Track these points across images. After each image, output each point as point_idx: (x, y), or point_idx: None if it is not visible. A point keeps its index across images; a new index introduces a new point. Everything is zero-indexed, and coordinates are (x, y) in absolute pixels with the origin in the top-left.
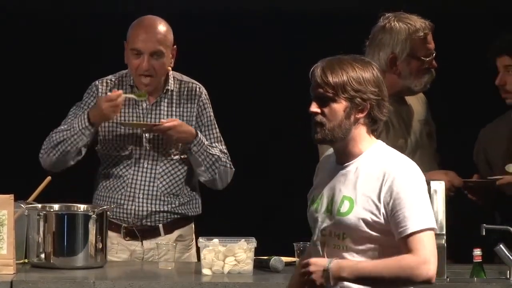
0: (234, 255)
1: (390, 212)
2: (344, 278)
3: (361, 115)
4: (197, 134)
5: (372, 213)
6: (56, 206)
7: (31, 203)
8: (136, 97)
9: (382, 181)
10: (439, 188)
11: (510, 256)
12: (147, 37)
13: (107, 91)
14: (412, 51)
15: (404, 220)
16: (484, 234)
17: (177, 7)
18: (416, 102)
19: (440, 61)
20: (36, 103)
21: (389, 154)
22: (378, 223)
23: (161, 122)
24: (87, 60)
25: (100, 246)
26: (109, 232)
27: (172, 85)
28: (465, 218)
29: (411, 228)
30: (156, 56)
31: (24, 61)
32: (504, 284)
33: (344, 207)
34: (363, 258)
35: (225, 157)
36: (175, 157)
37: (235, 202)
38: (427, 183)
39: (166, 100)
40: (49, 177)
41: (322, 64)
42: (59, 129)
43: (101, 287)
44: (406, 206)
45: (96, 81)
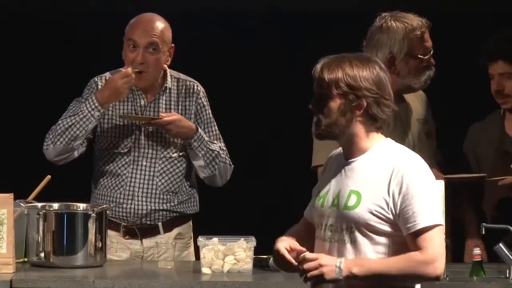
0: (233, 254)
1: (399, 207)
2: (354, 274)
3: (357, 113)
4: (197, 129)
5: (380, 207)
6: (55, 205)
7: (31, 202)
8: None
9: (391, 175)
10: (438, 187)
11: (509, 255)
12: (143, 30)
13: None
14: (410, 50)
15: (413, 216)
16: (483, 233)
17: (177, 7)
18: (415, 100)
19: (440, 61)
20: (36, 102)
21: (398, 150)
22: (386, 217)
23: (161, 116)
24: (87, 60)
25: (100, 245)
26: (108, 231)
27: (170, 83)
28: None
29: (420, 224)
30: (151, 49)
31: (24, 61)
32: (503, 283)
33: (351, 201)
34: (371, 252)
35: (225, 154)
36: (173, 155)
37: (235, 201)
38: None
39: (164, 98)
40: (49, 176)
41: (322, 61)
42: (63, 117)
43: (100, 286)
44: (415, 202)
45: (95, 78)
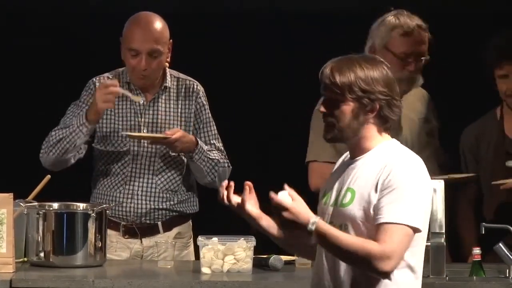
0: (233, 253)
1: (378, 197)
2: (319, 233)
3: (370, 115)
4: (197, 141)
5: (370, 202)
6: (55, 205)
7: (31, 202)
8: (131, 96)
9: (382, 171)
10: (438, 187)
11: (509, 255)
12: (144, 37)
13: None
14: (388, 44)
15: (383, 209)
16: (483, 233)
17: (177, 7)
18: (417, 99)
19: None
20: (35, 102)
21: (397, 150)
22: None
23: (167, 134)
24: (87, 59)
25: (100, 245)
26: (108, 230)
27: (169, 82)
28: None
29: (386, 218)
30: (154, 55)
31: (23, 61)
32: (503, 282)
33: (346, 198)
34: None
35: (223, 156)
36: (172, 154)
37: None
38: None
39: (163, 97)
40: (49, 176)
41: (331, 64)
42: (57, 128)
43: (100, 285)
44: (391, 196)
45: (93, 78)
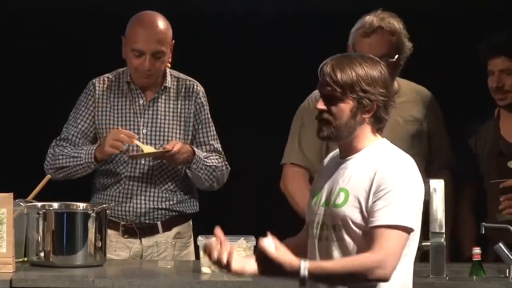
0: None
1: (371, 202)
2: (314, 276)
3: (367, 115)
4: (195, 151)
5: (363, 204)
6: (55, 205)
7: (31, 202)
8: (141, 145)
9: (375, 173)
10: (438, 186)
11: (509, 255)
12: (148, 37)
13: (104, 88)
14: (355, 45)
15: (378, 212)
16: (483, 232)
17: (177, 6)
18: (412, 100)
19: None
20: (36, 102)
21: (388, 150)
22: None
23: (167, 148)
24: (87, 60)
25: (100, 245)
26: (107, 230)
27: (169, 82)
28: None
29: (380, 220)
30: (157, 56)
31: (23, 61)
32: (503, 282)
33: (339, 199)
34: (353, 250)
35: (221, 159)
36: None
37: (234, 200)
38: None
39: (163, 97)
40: (49, 176)
41: (331, 61)
42: (65, 152)
43: (100, 285)
44: (385, 199)
45: (93, 79)
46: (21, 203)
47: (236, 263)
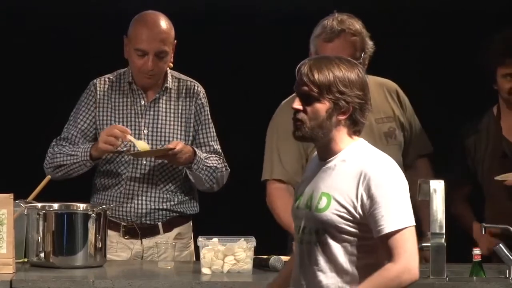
0: (233, 254)
1: (367, 211)
2: None
3: (343, 117)
4: (195, 151)
5: (348, 210)
6: (55, 205)
7: (31, 202)
8: (136, 142)
9: (359, 179)
10: (438, 187)
11: (509, 256)
12: (151, 37)
13: (105, 89)
14: (318, 52)
15: (382, 219)
16: (484, 233)
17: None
18: (382, 98)
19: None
20: (36, 103)
21: (367, 152)
22: (354, 220)
23: (168, 147)
24: (87, 60)
25: (100, 245)
26: (108, 230)
27: (170, 83)
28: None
29: (388, 227)
30: (160, 56)
31: (23, 61)
32: (503, 283)
33: (322, 203)
34: (341, 254)
35: (221, 161)
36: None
37: (234, 201)
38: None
39: (164, 97)
40: (49, 176)
41: (309, 62)
42: (61, 143)
43: (100, 286)
44: (383, 205)
45: (94, 80)
46: (21, 204)
47: None
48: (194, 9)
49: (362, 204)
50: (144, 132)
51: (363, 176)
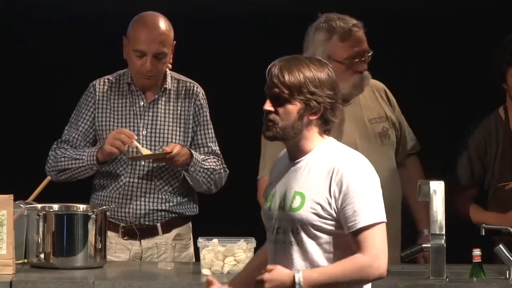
0: (233, 255)
1: (340, 206)
2: (309, 284)
3: (314, 117)
4: (192, 153)
5: (323, 207)
6: (55, 206)
7: (31, 203)
8: (140, 148)
9: (332, 176)
10: (438, 188)
11: (509, 257)
12: (150, 38)
13: (105, 90)
14: (331, 54)
15: (354, 215)
16: (483, 234)
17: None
18: (372, 98)
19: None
20: (36, 104)
21: (338, 150)
22: (329, 217)
23: (165, 150)
24: (88, 61)
25: (100, 246)
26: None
27: (170, 84)
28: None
29: (360, 223)
30: (159, 57)
31: (24, 62)
32: (503, 284)
33: (296, 203)
34: (317, 252)
35: (219, 163)
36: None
37: (234, 202)
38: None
39: (163, 98)
40: (49, 177)
41: (279, 63)
42: (67, 154)
43: (100, 287)
44: (355, 201)
45: (94, 81)
46: (21, 205)
47: None
48: (194, 10)
49: (335, 200)
50: (143, 133)
51: (335, 173)
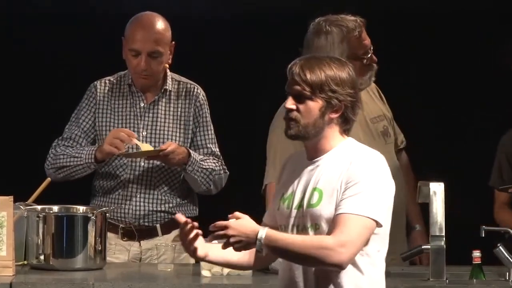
0: None
1: (341, 195)
2: (269, 244)
3: (335, 115)
4: (190, 153)
5: (336, 200)
6: (55, 208)
7: (31, 205)
8: (140, 144)
9: (345, 169)
10: (438, 189)
11: (509, 258)
12: (144, 37)
13: (106, 91)
14: (351, 52)
15: (344, 202)
16: (483, 235)
17: (177, 7)
18: (368, 98)
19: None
20: (36, 104)
21: (358, 148)
22: None
23: (161, 148)
24: (88, 61)
25: (100, 248)
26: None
27: (170, 85)
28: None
29: (345, 209)
30: (154, 56)
31: (24, 62)
32: (503, 285)
33: (314, 199)
34: None
35: (218, 164)
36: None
37: (234, 203)
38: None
39: (164, 99)
40: (49, 179)
41: (300, 62)
42: (63, 144)
43: None
44: (352, 190)
45: (95, 82)
46: (21, 206)
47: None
48: (194, 10)
49: (340, 190)
50: (143, 134)
51: (348, 166)
